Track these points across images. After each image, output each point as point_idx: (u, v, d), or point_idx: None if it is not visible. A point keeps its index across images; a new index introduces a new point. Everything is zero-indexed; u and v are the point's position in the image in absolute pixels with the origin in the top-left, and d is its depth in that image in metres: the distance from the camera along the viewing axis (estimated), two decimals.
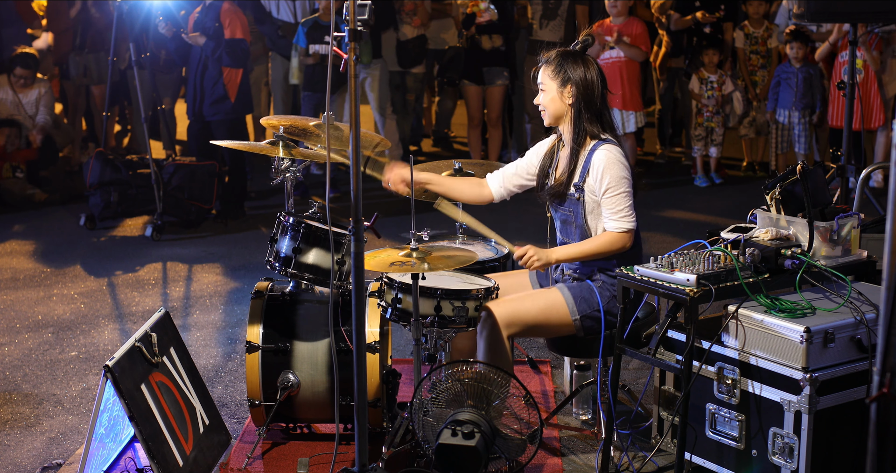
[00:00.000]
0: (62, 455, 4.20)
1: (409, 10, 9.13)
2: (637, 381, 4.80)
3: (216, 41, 7.54)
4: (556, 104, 3.98)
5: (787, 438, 3.46)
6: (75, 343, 5.46)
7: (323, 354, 4.09)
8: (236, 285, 6.40)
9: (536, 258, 3.89)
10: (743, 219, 4.02)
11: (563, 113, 3.99)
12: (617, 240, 3.90)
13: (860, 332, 3.50)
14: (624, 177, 3.89)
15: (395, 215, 7.48)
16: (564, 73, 3.94)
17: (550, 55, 4.00)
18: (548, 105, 4.00)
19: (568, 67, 3.94)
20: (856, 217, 3.83)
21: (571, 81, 3.93)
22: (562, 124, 4.03)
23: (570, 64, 3.94)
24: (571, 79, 3.93)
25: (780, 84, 8.62)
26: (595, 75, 3.95)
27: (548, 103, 4.00)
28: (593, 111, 3.95)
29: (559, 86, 3.95)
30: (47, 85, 8.83)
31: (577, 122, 3.96)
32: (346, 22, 3.21)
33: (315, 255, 4.10)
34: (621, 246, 3.91)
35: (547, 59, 4.00)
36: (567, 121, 3.99)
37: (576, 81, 3.93)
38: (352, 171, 3.27)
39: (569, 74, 3.93)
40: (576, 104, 3.95)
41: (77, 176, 8.95)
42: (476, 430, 3.65)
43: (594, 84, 3.94)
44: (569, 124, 3.99)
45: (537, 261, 3.89)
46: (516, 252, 3.93)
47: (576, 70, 3.93)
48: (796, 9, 5.13)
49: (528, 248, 3.91)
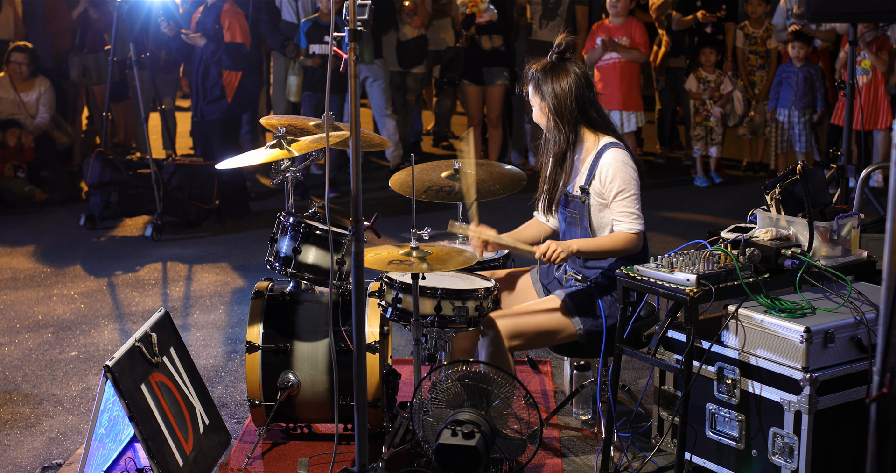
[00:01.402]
0: (62, 455, 4.20)
1: (410, 10, 9.13)
2: (637, 381, 4.80)
3: (216, 43, 7.56)
4: (542, 118, 4.06)
5: (787, 438, 3.46)
6: (75, 343, 5.46)
7: (323, 354, 4.09)
8: (236, 285, 6.40)
9: (560, 251, 3.88)
10: (743, 219, 4.02)
11: (551, 125, 4.04)
12: (631, 241, 3.91)
13: (860, 332, 3.50)
14: (633, 179, 3.92)
15: (395, 215, 7.48)
16: (539, 87, 4.00)
17: (527, 72, 4.06)
18: (539, 120, 4.08)
19: (541, 81, 3.99)
20: (856, 217, 3.83)
21: (542, 96, 3.99)
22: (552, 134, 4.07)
23: (542, 78, 3.99)
24: (542, 93, 3.98)
25: (781, 83, 8.62)
26: (567, 83, 3.95)
27: (538, 118, 4.08)
28: (567, 119, 3.98)
29: (540, 101, 4.02)
30: (48, 84, 8.83)
31: (557, 130, 4.01)
32: (347, 22, 3.21)
33: (315, 255, 4.10)
34: (633, 247, 3.93)
35: (525, 76, 4.07)
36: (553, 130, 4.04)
37: (546, 95, 3.97)
38: (352, 171, 3.27)
39: (541, 89, 3.99)
40: (552, 116, 4.00)
41: (77, 176, 8.95)
42: (476, 430, 3.65)
43: (566, 94, 3.95)
44: (556, 133, 4.03)
45: (562, 253, 3.88)
46: (538, 251, 3.91)
47: (546, 84, 3.98)
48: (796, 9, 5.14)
49: (548, 243, 3.91)
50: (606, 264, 4.00)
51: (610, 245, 3.94)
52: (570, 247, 3.90)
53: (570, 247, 3.90)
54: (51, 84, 8.87)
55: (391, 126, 8.99)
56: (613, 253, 3.95)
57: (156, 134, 10.21)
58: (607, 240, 3.94)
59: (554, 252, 3.87)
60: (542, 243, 3.91)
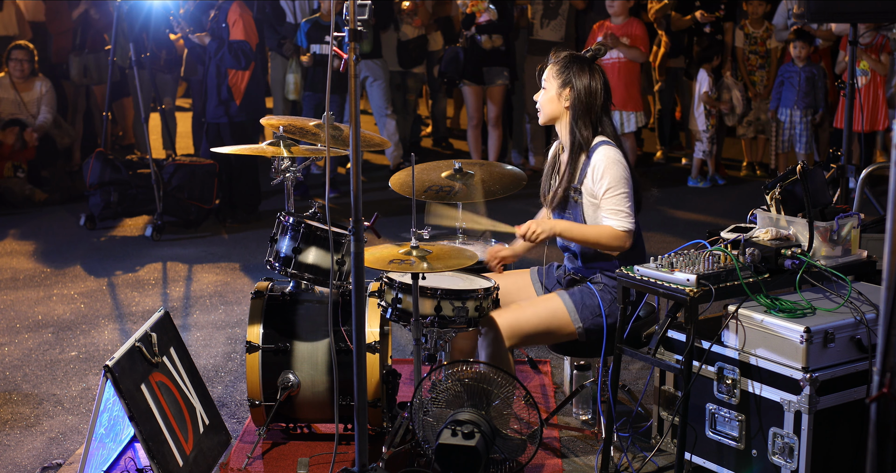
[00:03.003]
0: (62, 455, 4.20)
1: (410, 10, 9.14)
2: (637, 381, 4.80)
3: (219, 42, 7.53)
4: (553, 105, 3.99)
5: (787, 438, 3.46)
6: (75, 343, 5.46)
7: (323, 354, 4.09)
8: (236, 285, 6.41)
9: (540, 230, 3.88)
10: (743, 219, 4.02)
11: (558, 115, 4.00)
12: (617, 237, 3.89)
13: (860, 332, 3.50)
14: (624, 177, 3.89)
15: (395, 215, 7.48)
16: (568, 75, 3.94)
17: (560, 55, 4.00)
18: (544, 104, 4.01)
19: (573, 70, 3.93)
20: (856, 217, 3.83)
21: (572, 86, 3.93)
22: (558, 126, 4.04)
23: (577, 69, 3.94)
24: (573, 83, 3.93)
25: (783, 83, 8.62)
26: (599, 85, 3.94)
27: (545, 102, 4.00)
28: (590, 118, 3.95)
29: (559, 87, 3.95)
30: (48, 84, 8.83)
31: (572, 126, 3.96)
32: (347, 22, 3.21)
33: (315, 255, 4.10)
34: (620, 245, 3.91)
35: (556, 58, 4.00)
36: (563, 124, 4.01)
37: (577, 87, 3.93)
38: (352, 171, 3.27)
39: (571, 78, 3.93)
40: (572, 109, 3.95)
41: (77, 176, 8.96)
42: (476, 430, 3.65)
43: (597, 93, 3.94)
44: (565, 127, 4.00)
45: (542, 233, 3.88)
46: (518, 231, 3.92)
47: (581, 76, 3.93)
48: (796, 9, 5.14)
49: (528, 223, 3.91)
50: (606, 263, 3.99)
51: (594, 236, 3.91)
52: (552, 228, 3.91)
53: (554, 228, 3.91)
54: (51, 84, 8.87)
55: (391, 126, 9.00)
56: (597, 244, 3.93)
57: (156, 134, 10.22)
58: (593, 230, 3.92)
59: (534, 232, 3.89)
60: (524, 224, 3.92)
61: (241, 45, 7.51)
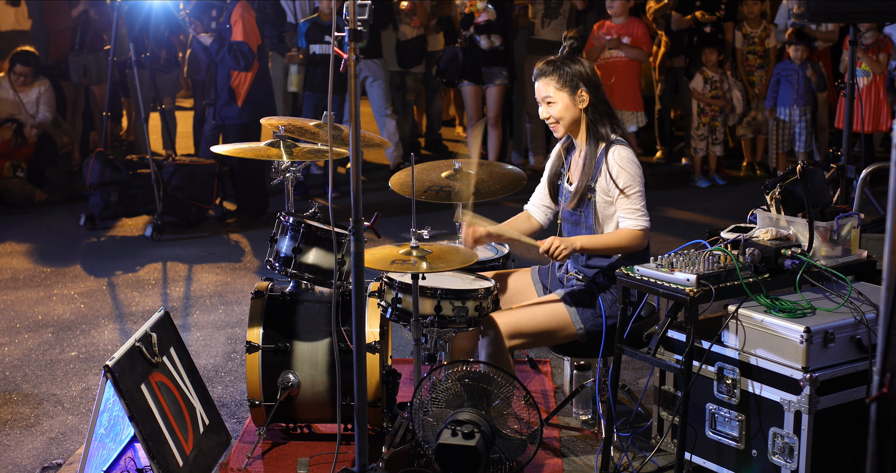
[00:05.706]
0: (62, 455, 4.20)
1: (408, 10, 9.13)
2: (637, 381, 4.80)
3: (220, 42, 7.52)
4: (572, 112, 3.95)
5: (787, 438, 3.46)
6: (75, 343, 5.46)
7: (323, 354, 4.09)
8: (236, 285, 6.40)
9: (563, 247, 3.86)
10: (743, 219, 4.02)
11: (579, 118, 3.97)
12: (636, 238, 3.89)
13: (860, 332, 3.50)
14: (639, 176, 3.90)
15: (395, 214, 7.48)
16: (570, 78, 3.92)
17: (545, 68, 3.95)
18: (563, 115, 3.95)
19: (571, 71, 3.92)
20: (856, 217, 3.83)
21: (582, 84, 3.92)
22: (577, 130, 4.01)
23: (571, 68, 3.93)
24: (581, 81, 3.92)
25: (780, 82, 8.62)
26: (593, 71, 3.97)
27: (562, 113, 3.94)
28: (606, 110, 3.96)
29: (570, 93, 3.92)
30: (47, 83, 8.83)
31: (592, 124, 3.95)
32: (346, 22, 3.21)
33: (315, 255, 4.10)
34: (638, 245, 3.91)
35: (543, 71, 3.94)
36: (583, 125, 3.98)
37: (585, 81, 3.92)
38: (352, 171, 3.27)
39: (576, 78, 3.92)
40: (591, 106, 3.94)
41: (77, 176, 8.95)
42: (476, 430, 3.65)
43: (598, 79, 3.96)
44: (584, 128, 3.98)
45: (564, 250, 3.86)
46: (542, 246, 3.89)
47: (579, 71, 3.92)
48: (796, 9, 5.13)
49: (552, 239, 3.88)
50: (607, 263, 3.99)
51: (615, 242, 3.91)
52: (573, 244, 3.88)
53: (574, 244, 3.88)
54: (50, 84, 8.87)
55: (391, 126, 8.99)
56: (618, 250, 3.93)
57: (156, 134, 10.22)
58: (612, 237, 3.92)
59: (557, 249, 3.85)
60: (547, 239, 3.90)
61: (241, 45, 7.49)
